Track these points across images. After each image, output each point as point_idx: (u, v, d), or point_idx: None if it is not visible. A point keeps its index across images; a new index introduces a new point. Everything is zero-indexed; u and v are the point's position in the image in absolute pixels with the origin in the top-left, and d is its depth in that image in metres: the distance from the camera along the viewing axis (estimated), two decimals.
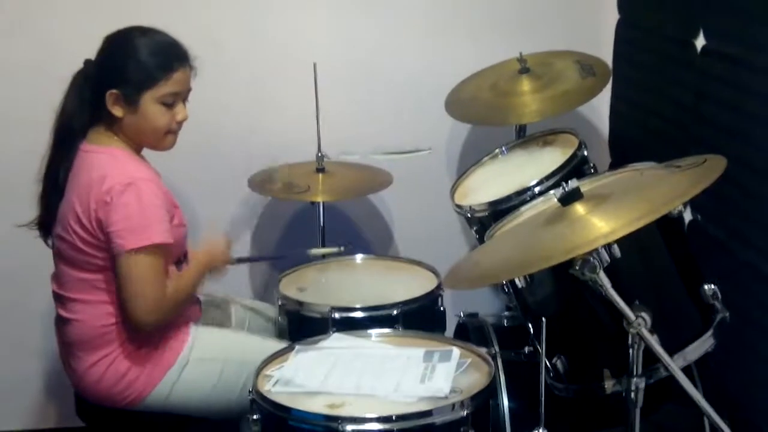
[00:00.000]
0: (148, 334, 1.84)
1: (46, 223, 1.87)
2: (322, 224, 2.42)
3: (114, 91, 1.80)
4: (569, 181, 1.47)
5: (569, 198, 1.45)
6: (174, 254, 1.86)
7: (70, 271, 1.84)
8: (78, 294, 1.84)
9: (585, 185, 1.54)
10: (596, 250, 1.37)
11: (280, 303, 2.08)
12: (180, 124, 1.87)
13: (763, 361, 1.76)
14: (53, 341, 1.98)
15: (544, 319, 1.38)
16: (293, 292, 2.10)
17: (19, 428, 2.59)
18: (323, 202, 2.39)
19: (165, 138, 1.86)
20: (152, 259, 1.75)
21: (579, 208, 1.45)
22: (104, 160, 1.81)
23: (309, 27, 2.52)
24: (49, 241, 1.90)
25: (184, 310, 1.91)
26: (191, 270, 1.91)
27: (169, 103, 1.83)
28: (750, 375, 1.80)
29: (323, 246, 2.41)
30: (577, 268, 1.38)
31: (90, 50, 1.85)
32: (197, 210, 2.41)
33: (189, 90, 1.87)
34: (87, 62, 1.85)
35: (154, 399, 1.86)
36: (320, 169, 2.35)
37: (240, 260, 2.15)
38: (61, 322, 1.90)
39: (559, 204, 1.48)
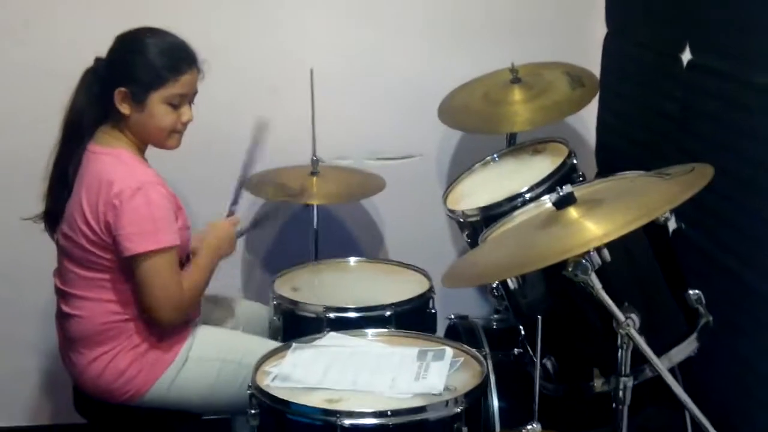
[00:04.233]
0: (149, 332, 1.87)
1: (53, 217, 1.90)
2: (315, 227, 2.46)
3: (122, 89, 1.83)
4: (563, 186, 1.53)
5: (564, 202, 1.51)
6: (179, 255, 1.88)
7: (75, 268, 1.87)
8: (81, 291, 1.87)
9: (577, 191, 1.59)
10: (588, 252, 1.42)
11: (274, 302, 2.11)
12: (185, 125, 1.90)
13: (743, 365, 1.82)
14: (50, 338, 2.01)
15: (539, 317, 1.43)
16: (288, 292, 2.14)
17: (14, 424, 2.60)
18: (317, 206, 2.43)
19: (169, 137, 1.90)
20: (165, 260, 1.79)
21: (572, 212, 1.50)
22: (111, 162, 1.84)
23: (306, 33, 2.56)
24: (55, 236, 1.92)
25: None
26: (202, 260, 1.94)
27: (175, 104, 1.86)
28: (731, 378, 1.86)
29: (316, 250, 2.46)
30: (569, 269, 1.43)
31: (96, 50, 1.89)
32: (197, 212, 2.44)
33: (195, 92, 1.91)
34: (97, 60, 1.88)
35: (152, 395, 1.88)
36: (314, 173, 2.39)
37: (240, 234, 2.13)
38: (62, 318, 1.92)
39: (553, 208, 1.54)
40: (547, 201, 1.74)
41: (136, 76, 1.83)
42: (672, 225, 2.03)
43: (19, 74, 2.43)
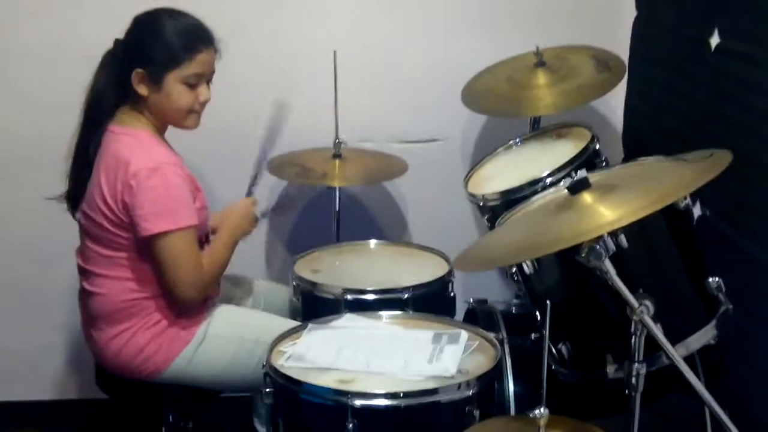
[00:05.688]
0: (168, 310, 1.90)
1: (75, 197, 1.93)
2: (337, 209, 2.47)
3: (140, 70, 1.85)
4: (578, 171, 1.51)
5: (577, 187, 1.49)
6: (197, 235, 1.90)
7: (95, 247, 1.90)
8: (102, 269, 1.90)
9: (594, 176, 1.57)
10: (602, 238, 1.40)
11: (294, 283, 2.13)
12: (203, 104, 1.92)
13: (764, 355, 1.79)
14: (75, 314, 2.05)
15: (548, 301, 1.42)
16: (308, 274, 2.16)
17: (40, 399, 2.66)
18: (339, 188, 2.44)
19: (188, 117, 1.91)
20: (184, 240, 1.82)
21: (587, 197, 1.49)
22: (129, 142, 1.86)
23: (330, 15, 2.56)
24: (77, 215, 1.95)
25: None
26: (222, 237, 1.96)
27: (192, 84, 1.87)
28: (752, 368, 1.83)
29: (338, 232, 2.47)
30: (583, 255, 1.42)
31: (114, 31, 1.91)
32: (216, 192, 2.47)
33: (213, 72, 1.92)
34: (116, 42, 1.91)
35: (171, 372, 1.92)
36: (337, 155, 2.39)
37: (263, 215, 2.14)
38: (84, 295, 1.96)
39: (568, 193, 1.53)
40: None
41: (152, 57, 1.84)
42: (697, 212, 2.01)
43: (41, 56, 2.46)
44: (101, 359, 1.97)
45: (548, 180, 2.01)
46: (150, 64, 1.84)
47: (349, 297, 2.02)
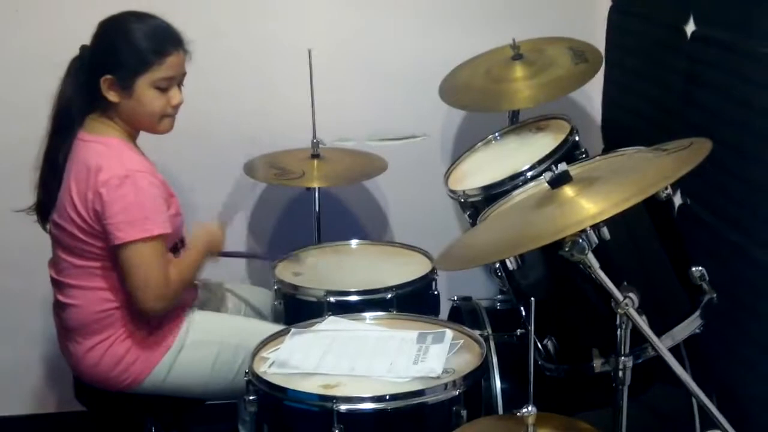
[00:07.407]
0: (147, 318, 1.86)
1: (44, 208, 1.90)
2: (317, 210, 2.44)
3: (108, 76, 1.81)
4: (559, 165, 1.50)
5: (558, 181, 1.48)
6: (171, 241, 1.88)
7: (68, 258, 1.86)
8: (75, 280, 1.87)
9: (574, 169, 1.56)
10: (585, 231, 1.39)
11: (276, 287, 2.10)
12: (175, 108, 1.88)
13: (749, 343, 1.79)
14: (52, 327, 2.01)
15: (533, 298, 1.40)
16: (289, 277, 2.13)
17: (18, 413, 2.62)
18: (318, 188, 2.41)
19: (161, 122, 1.88)
20: (153, 248, 1.78)
21: (568, 190, 1.47)
22: (100, 150, 1.82)
23: (304, 13, 2.53)
24: (47, 227, 1.92)
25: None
26: (191, 255, 1.93)
27: (163, 87, 1.84)
28: (737, 356, 1.83)
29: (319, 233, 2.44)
30: (566, 249, 1.40)
31: (86, 39, 1.86)
32: (193, 196, 2.43)
33: (184, 74, 1.89)
34: (83, 48, 1.87)
35: (151, 382, 1.88)
36: (315, 155, 2.36)
37: (225, 254, 2.11)
38: (59, 308, 1.93)
39: (549, 187, 1.51)
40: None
41: (120, 62, 1.81)
42: (678, 200, 2.01)
43: (10, 63, 2.41)
44: (79, 372, 1.93)
45: (529, 174, 1.99)
46: (119, 69, 1.81)
47: (331, 299, 2.00)
